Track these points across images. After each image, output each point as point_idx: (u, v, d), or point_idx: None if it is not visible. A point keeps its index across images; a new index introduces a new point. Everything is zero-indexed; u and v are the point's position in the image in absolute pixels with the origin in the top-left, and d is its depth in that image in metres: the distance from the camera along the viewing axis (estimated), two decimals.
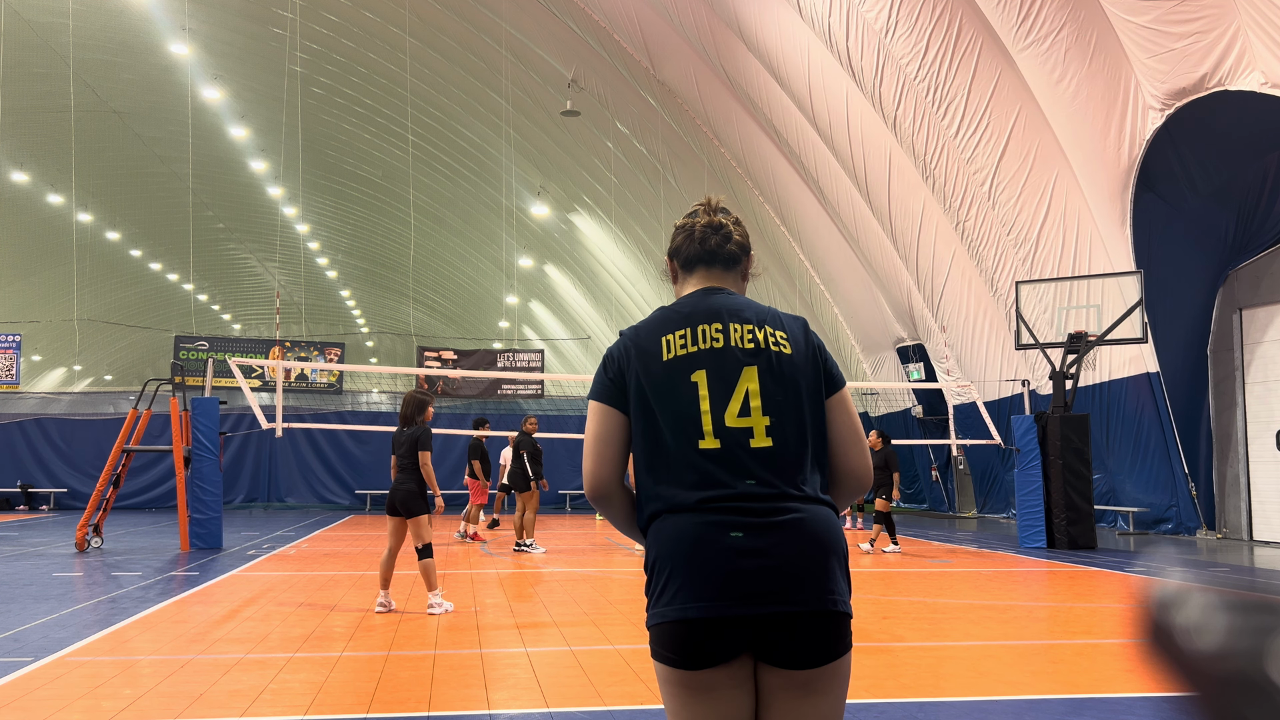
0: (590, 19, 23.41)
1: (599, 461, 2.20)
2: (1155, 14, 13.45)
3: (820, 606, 2.04)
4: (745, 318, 2.20)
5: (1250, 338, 16.39)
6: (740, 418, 2.11)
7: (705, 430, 2.10)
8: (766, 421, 2.11)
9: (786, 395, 2.14)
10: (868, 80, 18.29)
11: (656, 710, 5.03)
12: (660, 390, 2.14)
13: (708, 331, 2.17)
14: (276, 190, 36.85)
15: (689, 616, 2.04)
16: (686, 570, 2.06)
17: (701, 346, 2.15)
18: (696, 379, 2.13)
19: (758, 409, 2.11)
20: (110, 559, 12.84)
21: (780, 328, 2.20)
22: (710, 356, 2.14)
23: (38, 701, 5.18)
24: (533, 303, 43.73)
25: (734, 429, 2.10)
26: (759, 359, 2.14)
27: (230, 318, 60.68)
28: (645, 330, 2.22)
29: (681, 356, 2.15)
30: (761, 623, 2.03)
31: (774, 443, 2.10)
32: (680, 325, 2.19)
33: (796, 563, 2.04)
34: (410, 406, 8.59)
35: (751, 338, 2.16)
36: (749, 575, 2.03)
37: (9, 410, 26.56)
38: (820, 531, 2.07)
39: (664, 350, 2.17)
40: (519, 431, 15.00)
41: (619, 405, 2.19)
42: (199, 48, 28.96)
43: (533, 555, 13.69)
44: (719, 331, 2.17)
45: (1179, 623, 0.91)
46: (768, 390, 2.13)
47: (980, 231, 18.72)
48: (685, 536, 2.07)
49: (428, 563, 8.30)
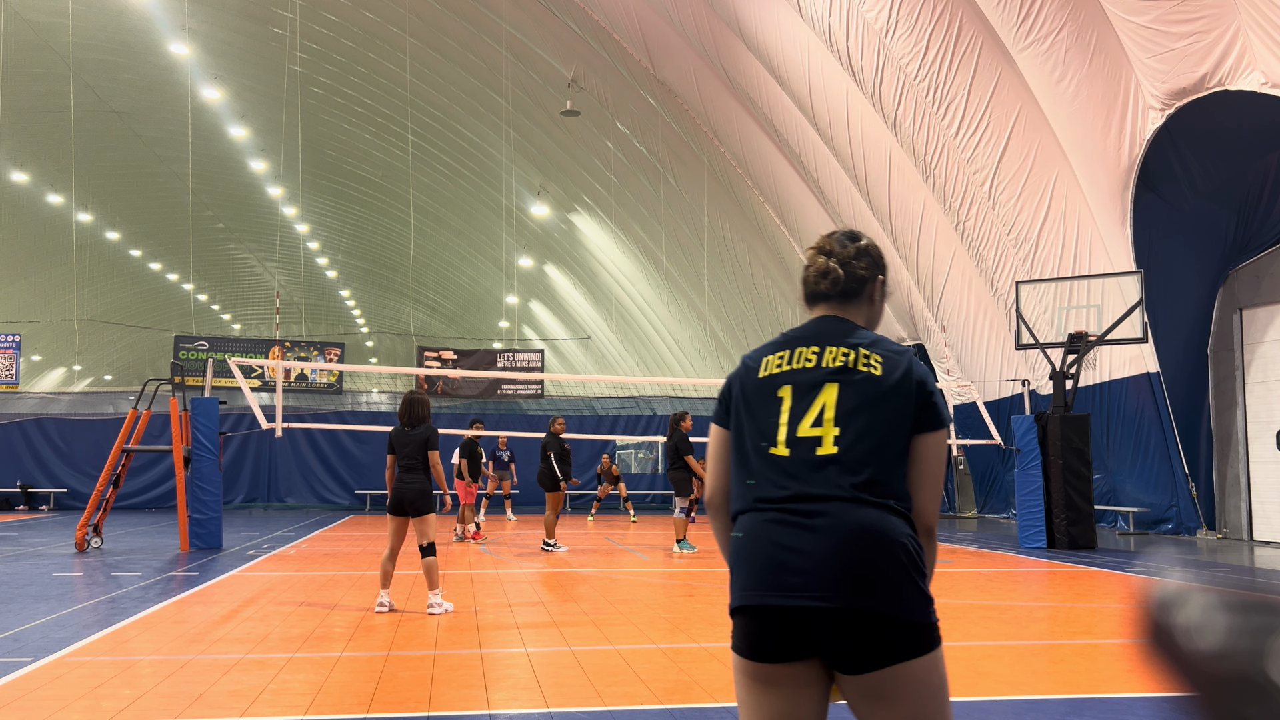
0: (590, 19, 23.41)
1: (711, 476, 2.44)
2: (1155, 14, 13.45)
3: (859, 605, 2.09)
4: (843, 342, 2.33)
5: (1250, 338, 16.40)
6: (813, 428, 2.24)
7: (778, 440, 2.26)
8: (836, 432, 2.22)
9: (863, 411, 2.23)
10: (868, 80, 18.29)
11: (657, 710, 5.03)
12: (751, 403, 2.33)
13: (804, 353, 2.33)
14: (276, 190, 36.85)
15: (742, 605, 2.21)
16: (743, 564, 2.23)
17: (794, 366, 2.32)
18: (782, 394, 2.30)
19: (830, 420, 2.23)
20: (110, 559, 12.84)
21: (877, 352, 2.30)
22: (799, 375, 2.30)
23: (37, 701, 5.18)
24: (533, 303, 43.73)
25: (803, 438, 2.24)
26: (842, 376, 2.27)
27: (230, 318, 60.68)
28: (755, 353, 2.41)
29: (775, 374, 2.33)
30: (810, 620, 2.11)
31: (839, 451, 2.21)
32: (783, 348, 2.36)
33: (836, 560, 2.12)
34: (422, 407, 8.60)
35: (842, 359, 2.29)
36: (790, 569, 2.14)
37: (9, 410, 26.55)
38: (868, 532, 2.14)
39: (762, 369, 2.35)
40: (546, 432, 15.02)
41: (726, 424, 2.40)
42: (199, 48, 28.95)
43: (557, 554, 13.72)
44: (814, 353, 2.32)
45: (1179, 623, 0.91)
46: (844, 404, 2.24)
47: (980, 231, 18.73)
48: (745, 533, 2.25)
49: (431, 561, 8.30)
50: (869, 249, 2.45)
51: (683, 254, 29.44)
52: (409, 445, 8.44)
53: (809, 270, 2.44)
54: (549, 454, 14.64)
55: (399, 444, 8.50)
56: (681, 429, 14.92)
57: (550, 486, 14.52)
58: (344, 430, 24.90)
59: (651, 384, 29.66)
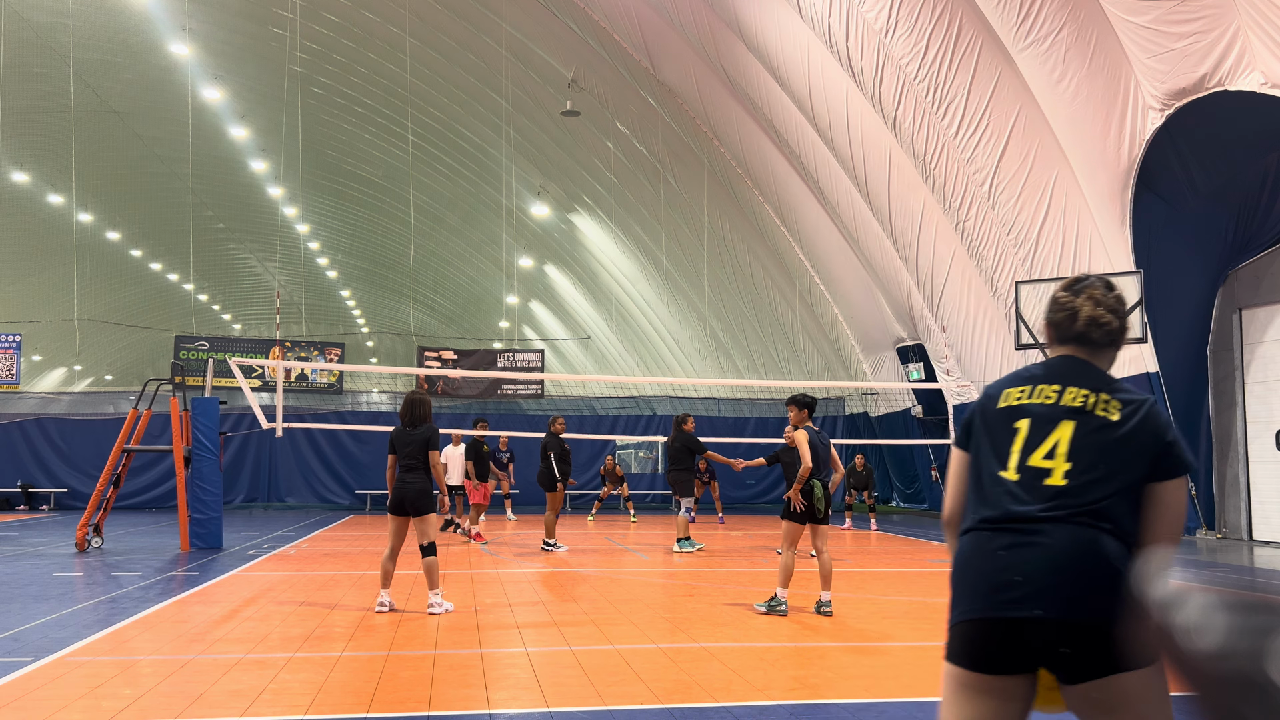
0: (590, 19, 23.42)
1: (949, 495, 2.64)
2: (1155, 14, 13.45)
3: (1079, 617, 2.22)
4: (1083, 384, 2.48)
5: (1250, 338, 16.40)
6: (1045, 459, 2.40)
7: (1010, 465, 2.43)
8: (1066, 466, 2.38)
9: (1094, 451, 2.38)
10: (868, 80, 18.30)
11: (657, 710, 5.04)
12: (990, 430, 2.52)
13: (1044, 390, 2.49)
14: (277, 190, 36.84)
15: (966, 618, 2.37)
16: (966, 580, 2.42)
17: (1034, 401, 2.49)
18: (1019, 425, 2.47)
19: (1062, 455, 2.39)
20: (110, 559, 12.84)
21: (1116, 398, 2.44)
22: (1037, 409, 2.47)
23: (38, 701, 5.18)
24: (533, 303, 43.73)
25: (1034, 467, 2.40)
26: (1079, 417, 2.42)
27: (230, 318, 60.68)
28: (998, 385, 2.61)
29: (1014, 406, 2.50)
30: (1032, 632, 2.25)
31: (1067, 484, 2.36)
32: (1025, 383, 2.54)
33: (1056, 574, 2.27)
34: (422, 408, 8.61)
35: (1081, 400, 2.45)
36: (1012, 585, 2.29)
37: (9, 410, 26.55)
38: (1087, 549, 2.29)
39: (1002, 400, 2.54)
40: (547, 432, 15.01)
41: (966, 448, 2.59)
42: (199, 48, 28.95)
43: (557, 554, 13.73)
44: (1055, 391, 2.48)
45: (1179, 623, 0.91)
46: (1078, 443, 2.39)
47: (980, 231, 18.73)
48: (965, 551, 2.45)
49: (432, 560, 8.30)
50: (1123, 297, 2.67)
51: (683, 254, 29.44)
52: (410, 445, 8.45)
53: (1072, 315, 2.57)
54: (549, 454, 14.64)
55: (400, 444, 8.51)
56: (685, 430, 14.99)
57: (550, 486, 14.54)
58: (344, 430, 24.90)
59: (651, 384, 29.66)
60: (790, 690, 5.49)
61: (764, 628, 7.62)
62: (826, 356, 27.86)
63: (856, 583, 10.50)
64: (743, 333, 30.04)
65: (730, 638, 7.16)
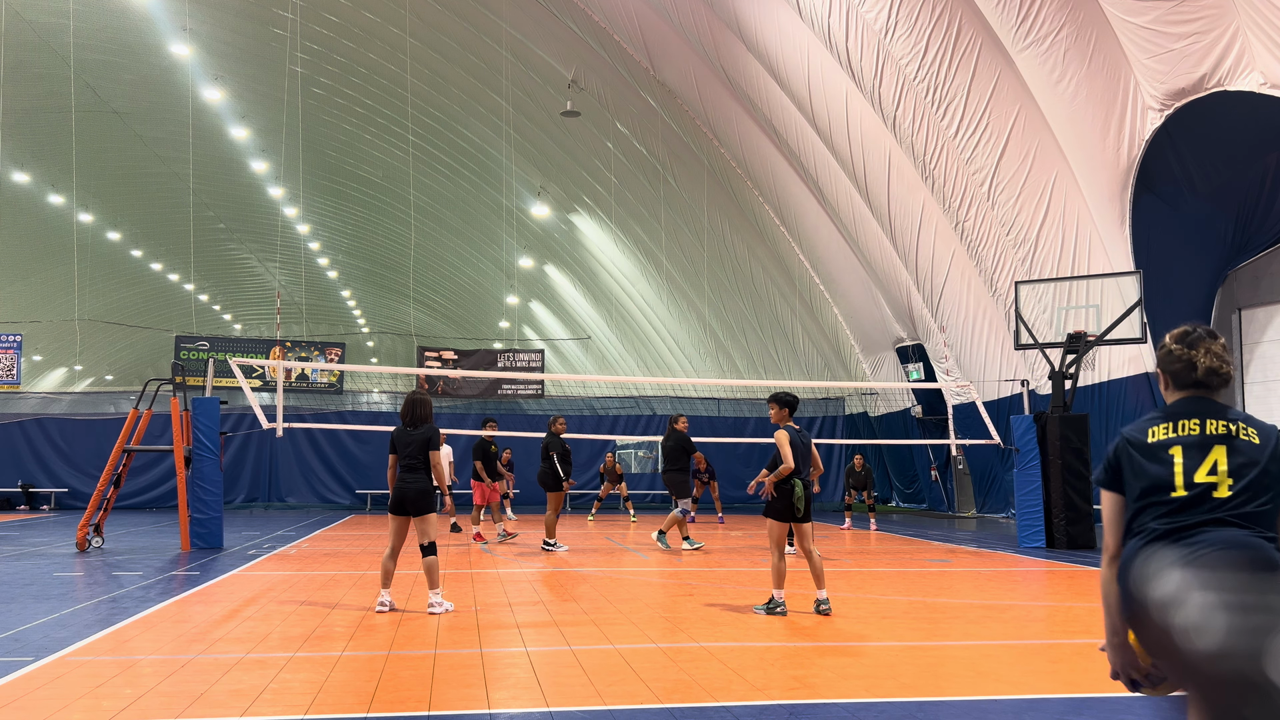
0: (590, 19, 23.42)
1: (1110, 533, 3.11)
2: (1154, 14, 13.46)
3: None
4: (1219, 416, 3.02)
5: (1250, 338, 16.40)
6: (1208, 476, 2.93)
7: (1177, 485, 2.94)
8: (1230, 481, 2.92)
9: (1251, 468, 2.92)
10: (867, 80, 18.30)
11: (657, 710, 5.04)
12: (1146, 461, 3.02)
13: (1186, 424, 3.03)
14: (277, 190, 36.85)
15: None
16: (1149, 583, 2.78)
17: (1179, 434, 3.01)
18: (1173, 453, 2.99)
19: (1224, 472, 2.93)
20: (111, 559, 12.85)
21: (1251, 426, 3.01)
22: (1185, 439, 3.00)
23: (38, 701, 5.19)
24: (533, 303, 43.74)
25: (1201, 484, 2.93)
26: (1228, 441, 2.97)
27: (231, 318, 60.69)
28: (1137, 427, 3.12)
29: (1162, 440, 3.03)
30: None
31: (1231, 495, 2.90)
32: (1164, 421, 3.06)
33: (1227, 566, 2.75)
34: (423, 407, 8.62)
35: (1224, 429, 2.99)
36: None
37: (10, 410, 26.56)
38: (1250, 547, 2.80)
39: (1149, 436, 3.06)
40: (547, 432, 15.00)
41: (1115, 488, 3.11)
42: (199, 48, 28.96)
43: (557, 554, 13.73)
44: (1196, 424, 3.01)
45: (1179, 623, 0.92)
46: (1233, 461, 2.94)
47: (980, 231, 18.73)
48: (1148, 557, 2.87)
49: (432, 560, 8.31)
50: (1226, 344, 3.19)
51: (683, 254, 29.45)
52: (411, 445, 8.46)
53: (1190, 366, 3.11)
54: (551, 454, 14.63)
55: (400, 444, 8.52)
56: (678, 429, 15.03)
57: (552, 486, 14.53)
58: (345, 430, 24.91)
59: (651, 384, 29.67)
60: (789, 690, 5.50)
61: (763, 627, 7.63)
62: (826, 356, 27.86)
63: (856, 582, 10.51)
64: (742, 333, 30.04)
65: (730, 637, 7.17)
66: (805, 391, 28.71)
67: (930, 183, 18.99)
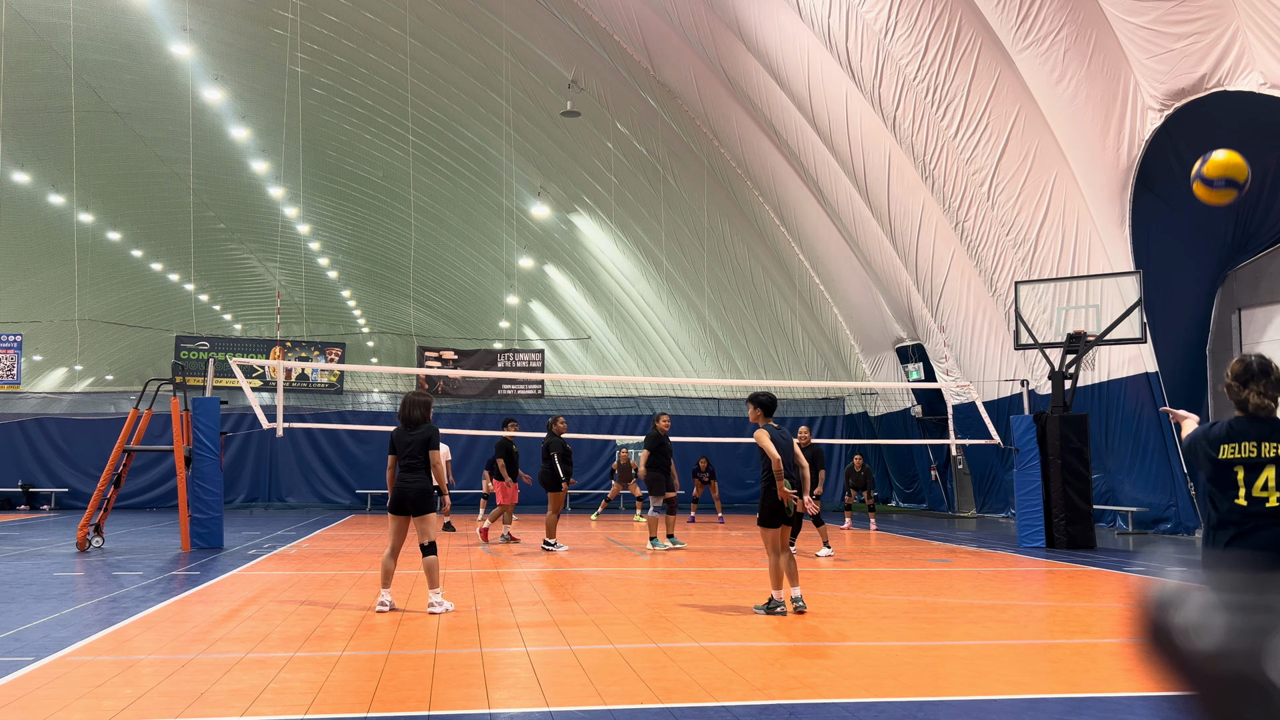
0: (590, 19, 23.42)
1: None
2: (1154, 14, 13.46)
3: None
4: (1271, 439, 3.86)
5: (1249, 338, 16.40)
6: (1261, 490, 3.82)
7: (1240, 496, 3.85)
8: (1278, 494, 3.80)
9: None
10: (867, 81, 18.30)
11: (657, 709, 5.05)
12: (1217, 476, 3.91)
13: (1245, 445, 3.88)
14: (277, 190, 36.85)
15: None
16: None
17: (1239, 456, 3.88)
18: (1236, 470, 3.87)
19: (1273, 487, 3.81)
20: (111, 558, 12.85)
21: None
22: (1245, 459, 3.87)
23: (38, 701, 5.19)
24: (533, 303, 43.74)
25: (1257, 496, 3.83)
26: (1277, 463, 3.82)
27: (231, 318, 60.69)
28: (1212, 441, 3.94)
29: (1228, 458, 3.89)
30: None
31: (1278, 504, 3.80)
32: (1228, 441, 3.91)
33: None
34: (421, 408, 8.62)
35: (1274, 452, 3.84)
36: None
37: (10, 410, 26.56)
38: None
39: (1220, 454, 3.91)
40: (547, 432, 14.98)
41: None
42: (200, 48, 28.96)
43: (558, 554, 13.73)
44: (1253, 446, 3.87)
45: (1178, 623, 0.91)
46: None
47: (979, 231, 18.73)
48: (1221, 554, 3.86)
49: (432, 560, 8.31)
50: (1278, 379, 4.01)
51: (683, 254, 29.45)
52: (410, 445, 8.46)
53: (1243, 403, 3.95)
54: (551, 454, 14.63)
55: (400, 444, 8.52)
56: (659, 428, 15.05)
57: (552, 486, 14.52)
58: (345, 430, 24.90)
59: (651, 384, 29.67)
60: (790, 689, 5.50)
61: (763, 627, 7.63)
62: (826, 357, 27.86)
63: (856, 582, 10.51)
64: (742, 333, 30.04)
65: (730, 637, 7.17)
66: (805, 391, 28.72)
67: (930, 183, 18.99)
